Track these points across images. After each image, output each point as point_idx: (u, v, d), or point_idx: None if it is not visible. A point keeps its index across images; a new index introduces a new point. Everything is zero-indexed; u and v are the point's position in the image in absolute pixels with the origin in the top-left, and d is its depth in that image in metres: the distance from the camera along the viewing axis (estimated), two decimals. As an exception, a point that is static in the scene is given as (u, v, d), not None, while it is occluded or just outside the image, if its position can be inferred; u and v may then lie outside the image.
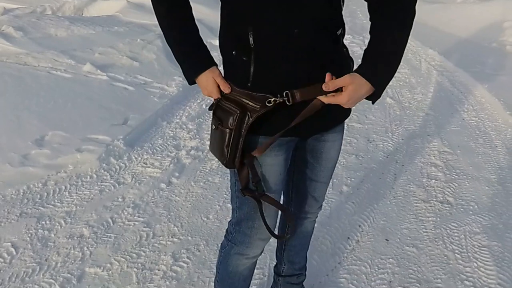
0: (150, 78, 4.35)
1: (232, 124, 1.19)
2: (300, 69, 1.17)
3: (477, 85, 4.47)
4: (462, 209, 2.52)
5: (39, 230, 2.28)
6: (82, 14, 7.61)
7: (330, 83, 1.14)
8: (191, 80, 1.30)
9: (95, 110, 3.52)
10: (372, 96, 1.18)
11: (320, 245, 2.21)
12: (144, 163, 2.97)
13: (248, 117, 1.18)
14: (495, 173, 2.92)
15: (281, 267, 1.75)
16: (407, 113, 3.92)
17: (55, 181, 2.70)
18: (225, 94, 1.24)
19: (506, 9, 7.12)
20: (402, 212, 2.49)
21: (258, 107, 1.17)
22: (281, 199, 1.46)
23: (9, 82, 3.60)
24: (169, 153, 3.11)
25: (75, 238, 2.25)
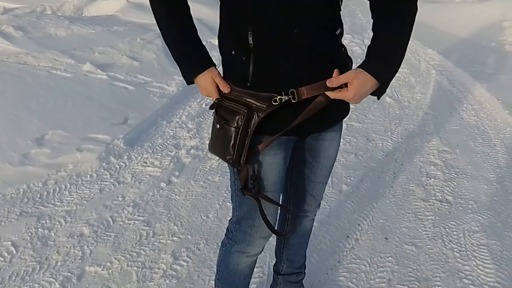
0: (150, 78, 4.36)
1: (239, 123, 1.19)
2: (300, 69, 1.17)
3: (476, 85, 4.48)
4: (461, 208, 2.53)
5: (39, 229, 2.29)
6: (82, 13, 7.61)
7: (334, 80, 1.15)
8: (190, 80, 1.30)
9: (95, 110, 3.53)
10: (377, 91, 1.18)
11: (319, 244, 2.22)
12: (144, 162, 2.98)
13: (255, 116, 1.18)
14: (494, 172, 2.93)
15: (281, 265, 1.76)
16: (407, 112, 3.92)
17: (55, 180, 2.71)
18: (226, 94, 1.24)
19: (505, 8, 7.12)
20: (401, 211, 2.50)
21: (265, 106, 1.17)
22: (280, 198, 1.47)
23: (9, 81, 3.61)
24: (169, 152, 3.12)
25: (75, 237, 2.25)
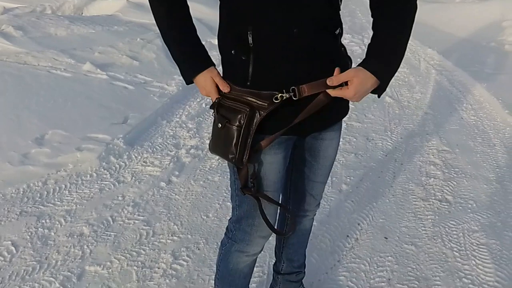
0: (150, 77, 4.36)
1: (241, 122, 1.18)
2: (300, 68, 1.17)
3: (476, 84, 4.48)
4: (460, 208, 2.53)
5: (39, 229, 2.29)
6: (82, 13, 7.61)
7: (334, 78, 1.16)
8: (189, 80, 1.30)
9: (95, 109, 3.53)
10: (377, 89, 1.19)
11: (319, 243, 2.22)
12: (144, 161, 2.98)
13: (257, 114, 1.18)
14: (494, 171, 2.93)
15: (280, 265, 1.76)
16: (406, 112, 3.92)
17: (55, 180, 2.71)
18: (226, 94, 1.24)
19: (505, 8, 7.12)
20: (401, 210, 2.50)
21: (266, 104, 1.17)
22: (280, 198, 1.47)
23: (9, 81, 3.61)
24: (169, 152, 3.12)
25: (75, 236, 2.25)
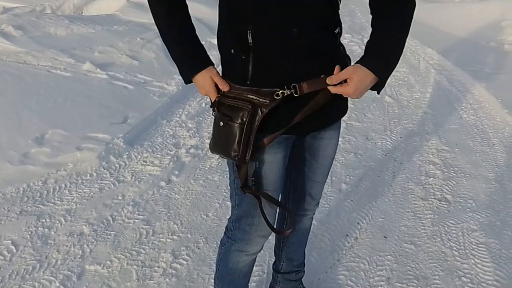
0: (150, 77, 4.36)
1: (243, 119, 1.18)
2: (299, 68, 1.18)
3: (475, 84, 4.48)
4: (460, 207, 2.54)
5: (39, 228, 2.30)
6: (82, 13, 7.61)
7: (334, 77, 1.17)
8: (188, 79, 1.30)
9: (94, 109, 3.53)
10: (376, 86, 1.20)
11: (319, 242, 2.23)
12: (144, 161, 2.98)
13: (259, 111, 1.18)
14: (493, 171, 2.93)
15: (280, 264, 1.76)
16: (406, 111, 3.93)
17: (55, 179, 2.71)
18: (226, 93, 1.24)
19: (504, 8, 7.13)
20: (400, 210, 2.51)
21: (268, 101, 1.17)
22: (279, 197, 1.48)
23: (9, 81, 3.61)
24: (168, 151, 3.12)
25: (75, 236, 2.26)
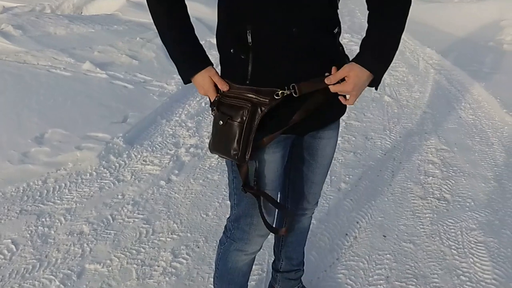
0: (150, 76, 4.36)
1: (243, 118, 1.19)
2: (299, 68, 1.18)
3: (474, 84, 4.49)
4: (458, 206, 2.54)
5: (39, 227, 2.30)
6: (81, 12, 7.62)
7: (331, 77, 1.19)
8: (187, 79, 1.30)
9: (94, 108, 3.53)
10: (373, 82, 1.22)
11: (318, 242, 2.23)
12: (143, 160, 2.98)
13: (258, 110, 1.19)
14: (492, 170, 2.94)
15: (279, 263, 1.77)
16: (405, 111, 3.93)
17: (55, 179, 2.71)
18: (225, 92, 1.25)
19: (503, 8, 7.14)
20: (399, 209, 2.52)
21: (267, 100, 1.18)
22: (278, 196, 1.48)
23: (9, 80, 3.61)
24: (168, 150, 3.13)
25: (75, 235, 2.26)
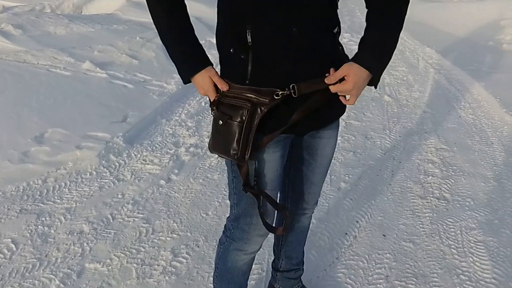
0: (149, 76, 4.37)
1: (243, 117, 1.19)
2: (299, 67, 1.19)
3: (474, 83, 4.50)
4: (458, 205, 2.55)
5: (39, 226, 2.30)
6: (81, 12, 7.62)
7: (331, 76, 1.19)
8: (187, 79, 1.30)
9: (94, 108, 3.54)
10: (372, 81, 1.22)
11: (318, 241, 2.23)
12: (143, 160, 2.99)
13: (258, 110, 1.19)
14: (491, 169, 2.94)
15: (279, 262, 1.77)
16: (405, 110, 3.94)
17: (55, 178, 2.72)
18: (225, 92, 1.24)
19: (502, 7, 7.14)
20: (399, 208, 2.52)
21: (267, 100, 1.18)
22: (278, 196, 1.48)
23: (9, 79, 3.61)
24: (168, 150, 3.13)
25: (75, 234, 2.26)
